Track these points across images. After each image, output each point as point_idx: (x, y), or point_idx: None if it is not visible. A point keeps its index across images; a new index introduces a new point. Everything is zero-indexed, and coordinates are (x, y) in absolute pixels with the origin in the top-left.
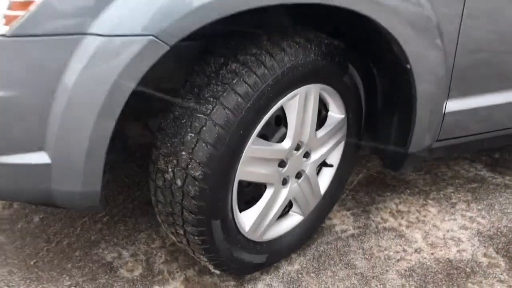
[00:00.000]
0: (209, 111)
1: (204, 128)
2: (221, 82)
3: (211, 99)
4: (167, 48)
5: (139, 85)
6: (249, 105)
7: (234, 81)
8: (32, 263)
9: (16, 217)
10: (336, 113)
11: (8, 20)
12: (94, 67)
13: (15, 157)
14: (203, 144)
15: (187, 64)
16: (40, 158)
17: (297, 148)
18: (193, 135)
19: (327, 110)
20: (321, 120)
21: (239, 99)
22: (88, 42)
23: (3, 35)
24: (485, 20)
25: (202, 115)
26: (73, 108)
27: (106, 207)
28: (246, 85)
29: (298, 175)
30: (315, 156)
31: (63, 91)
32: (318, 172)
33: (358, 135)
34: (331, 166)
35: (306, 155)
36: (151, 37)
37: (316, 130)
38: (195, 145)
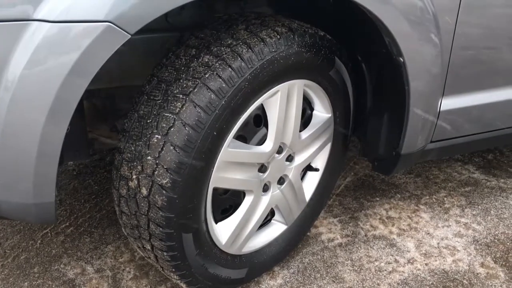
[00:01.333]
0: (178, 109)
1: (172, 129)
2: (192, 76)
3: (180, 95)
4: (127, 36)
5: (99, 81)
6: (223, 102)
7: (206, 76)
8: None
9: None
10: (322, 112)
11: None
12: (41, 59)
13: None
14: (171, 147)
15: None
16: None
17: (279, 151)
18: (160, 137)
19: (312, 109)
20: (306, 120)
21: (212, 96)
22: (33, 29)
23: None
24: (483, 13)
25: (170, 114)
26: (18, 108)
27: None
28: (220, 80)
29: (281, 181)
30: (299, 160)
31: (5, 88)
32: (303, 177)
33: (346, 136)
34: (316, 170)
35: (289, 158)
36: (108, 24)
37: (300, 131)
38: (162, 149)
